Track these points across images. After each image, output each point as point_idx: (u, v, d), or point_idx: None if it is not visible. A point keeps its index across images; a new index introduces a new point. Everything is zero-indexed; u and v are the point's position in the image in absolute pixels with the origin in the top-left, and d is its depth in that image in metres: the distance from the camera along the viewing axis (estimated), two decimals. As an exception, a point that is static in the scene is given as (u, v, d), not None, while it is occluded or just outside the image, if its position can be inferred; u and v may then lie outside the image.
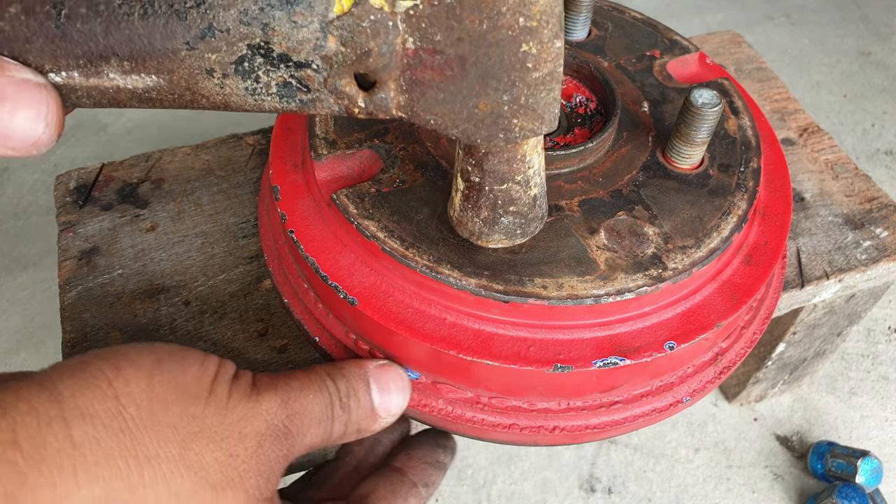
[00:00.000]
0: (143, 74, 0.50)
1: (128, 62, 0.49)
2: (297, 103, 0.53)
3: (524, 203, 0.61)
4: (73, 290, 0.89)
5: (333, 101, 0.52)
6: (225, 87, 0.51)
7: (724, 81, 0.86)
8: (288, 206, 0.74)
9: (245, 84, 0.51)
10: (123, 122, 1.86)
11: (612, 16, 0.94)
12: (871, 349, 1.47)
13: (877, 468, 1.21)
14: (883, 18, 2.23)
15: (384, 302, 0.68)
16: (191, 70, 0.50)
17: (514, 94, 0.51)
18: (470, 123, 0.53)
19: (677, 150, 0.75)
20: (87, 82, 0.50)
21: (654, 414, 0.73)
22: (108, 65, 0.49)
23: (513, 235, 0.64)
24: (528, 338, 0.66)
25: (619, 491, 1.27)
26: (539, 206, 0.62)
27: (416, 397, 0.72)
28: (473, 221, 0.63)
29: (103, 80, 0.50)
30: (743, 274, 0.72)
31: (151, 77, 0.50)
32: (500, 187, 0.59)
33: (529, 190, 0.60)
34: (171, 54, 0.49)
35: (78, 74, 0.49)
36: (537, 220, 0.64)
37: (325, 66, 0.50)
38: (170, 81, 0.50)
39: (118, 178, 1.00)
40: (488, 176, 0.58)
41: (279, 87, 0.52)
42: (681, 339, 0.67)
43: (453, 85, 0.51)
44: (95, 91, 0.50)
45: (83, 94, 0.50)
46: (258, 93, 0.52)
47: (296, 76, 0.51)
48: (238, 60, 0.50)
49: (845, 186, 1.02)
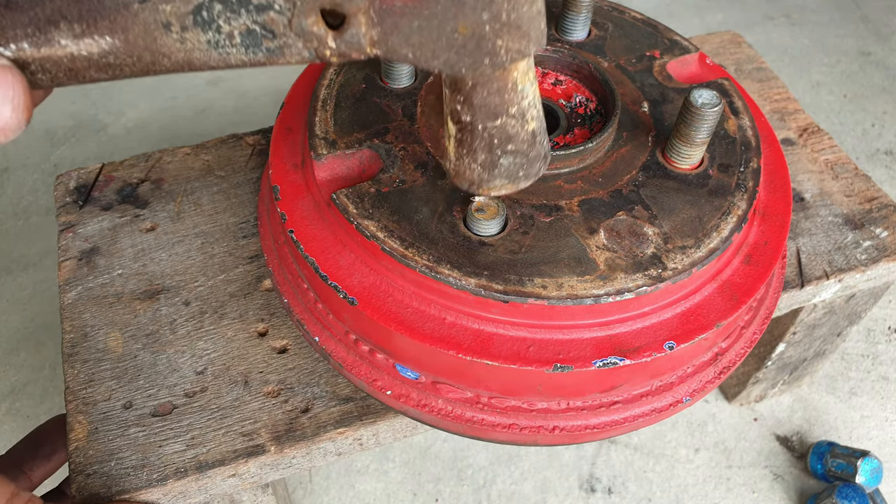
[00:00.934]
0: (97, 36, 0.47)
1: (78, 24, 0.46)
2: (264, 52, 0.49)
3: (523, 140, 0.57)
4: (72, 290, 0.89)
5: (302, 45, 0.49)
6: (185, 42, 0.48)
7: (724, 81, 0.86)
8: (288, 206, 0.74)
9: (206, 36, 0.48)
10: (123, 122, 1.86)
11: (612, 16, 0.94)
12: (871, 349, 1.47)
13: (877, 468, 1.21)
14: (883, 18, 2.23)
15: (384, 302, 0.68)
16: (146, 26, 0.47)
17: (493, 10, 0.47)
18: (451, 51, 0.49)
19: (677, 150, 0.75)
20: (39, 53, 0.46)
21: (654, 414, 0.73)
22: (57, 30, 0.46)
23: (515, 178, 0.60)
24: (527, 338, 0.66)
25: (619, 491, 1.27)
26: (540, 143, 0.58)
27: (415, 397, 0.72)
28: (471, 168, 0.59)
29: (55, 48, 0.46)
30: (743, 274, 0.72)
31: (105, 39, 0.47)
32: (493, 123, 0.55)
33: (527, 124, 0.56)
34: (122, 10, 0.46)
35: (28, 45, 0.46)
36: (540, 160, 0.60)
37: (289, 6, 0.47)
38: (125, 41, 0.47)
39: (118, 178, 1.00)
40: (480, 112, 0.54)
41: (243, 37, 0.48)
42: (680, 339, 0.67)
43: (427, 9, 0.47)
44: (49, 63, 0.47)
45: (37, 68, 0.47)
46: (221, 45, 0.48)
47: (258, 21, 0.48)
48: (195, 9, 0.47)
49: (845, 186, 1.02)
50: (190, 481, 0.74)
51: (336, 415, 0.79)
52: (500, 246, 0.68)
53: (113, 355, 0.83)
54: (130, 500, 0.73)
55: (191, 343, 0.84)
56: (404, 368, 0.71)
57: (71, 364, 0.82)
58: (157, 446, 0.76)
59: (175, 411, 0.79)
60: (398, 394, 0.72)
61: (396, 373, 0.72)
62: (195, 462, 0.75)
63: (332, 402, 0.79)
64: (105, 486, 0.73)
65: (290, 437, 0.77)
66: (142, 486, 0.73)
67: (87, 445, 0.76)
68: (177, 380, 0.81)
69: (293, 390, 0.80)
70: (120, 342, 0.84)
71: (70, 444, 0.77)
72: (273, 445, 0.76)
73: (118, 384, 0.81)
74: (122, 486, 0.73)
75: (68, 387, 0.81)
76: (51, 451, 0.84)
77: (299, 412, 0.79)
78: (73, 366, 0.82)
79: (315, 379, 0.81)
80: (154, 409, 0.79)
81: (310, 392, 0.80)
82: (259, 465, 0.76)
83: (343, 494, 1.26)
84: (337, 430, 0.78)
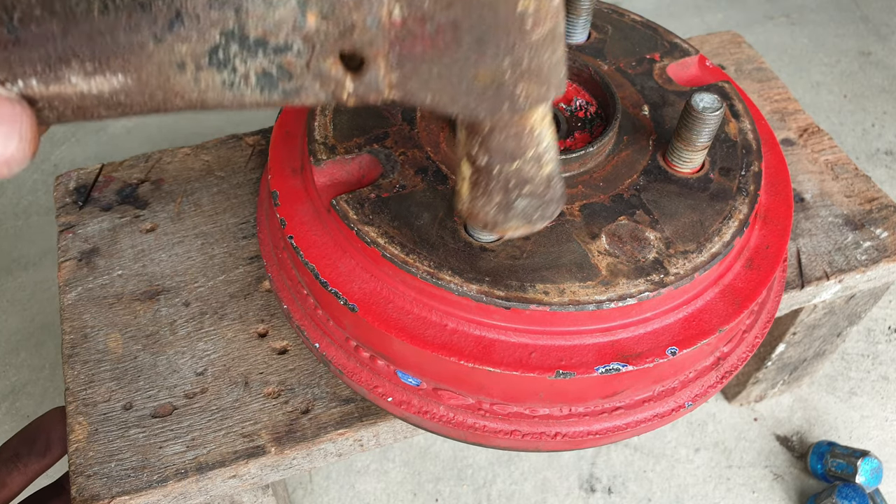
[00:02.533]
0: (109, 74, 0.45)
1: (90, 63, 0.45)
2: (280, 94, 0.48)
3: (539, 183, 0.56)
4: (72, 290, 0.89)
5: (319, 87, 0.48)
6: (200, 82, 0.47)
7: (725, 84, 0.85)
8: (287, 212, 0.73)
9: (221, 76, 0.46)
10: (123, 122, 1.86)
11: (611, 18, 0.93)
12: (871, 349, 1.47)
13: (877, 468, 1.21)
14: (883, 18, 2.23)
15: (384, 308, 0.68)
16: (160, 65, 0.45)
17: (514, 57, 0.47)
18: (470, 97, 0.49)
19: (678, 153, 0.74)
20: (48, 90, 0.45)
21: (656, 419, 0.73)
22: (68, 68, 0.45)
23: (531, 220, 0.59)
24: (529, 344, 0.66)
25: (619, 491, 1.27)
26: (554, 186, 0.58)
27: (416, 404, 0.72)
28: (486, 210, 0.58)
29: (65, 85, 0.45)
30: (744, 278, 0.72)
31: (118, 77, 0.45)
32: (510, 167, 0.54)
33: (542, 168, 0.55)
34: (137, 49, 0.45)
35: (36, 82, 0.45)
36: (555, 202, 0.59)
37: (307, 48, 0.46)
38: (138, 81, 0.46)
39: (118, 178, 1.00)
40: (496, 155, 0.54)
41: (258, 78, 0.47)
42: (683, 345, 0.67)
43: (448, 55, 0.47)
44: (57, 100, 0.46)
45: (44, 105, 0.46)
46: (236, 85, 0.47)
47: (276, 63, 0.46)
48: (211, 50, 0.46)
49: (845, 187, 1.02)
50: (190, 482, 0.74)
51: (336, 416, 0.79)
52: (502, 251, 0.67)
53: (113, 356, 0.83)
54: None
55: (191, 344, 0.84)
56: (405, 375, 0.71)
57: (71, 365, 0.82)
58: (158, 447, 0.76)
59: (175, 412, 0.79)
60: (399, 400, 0.72)
61: (397, 379, 0.72)
62: (195, 463, 0.75)
63: (332, 403, 0.79)
64: (105, 487, 0.73)
65: (291, 438, 0.77)
66: (142, 488, 0.73)
67: (87, 446, 0.76)
68: (177, 381, 0.81)
69: (293, 391, 0.80)
70: (120, 343, 0.84)
71: (70, 445, 0.77)
72: (273, 446, 0.76)
73: (118, 385, 0.81)
74: (123, 487, 0.73)
75: (68, 388, 0.81)
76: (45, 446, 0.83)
77: (300, 413, 0.79)
78: (72, 367, 0.82)
79: (315, 380, 0.81)
80: (154, 411, 0.79)
81: (310, 393, 0.80)
82: (259, 467, 0.76)
83: (343, 494, 1.26)
84: (337, 432, 0.78)
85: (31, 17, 0.43)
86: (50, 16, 0.43)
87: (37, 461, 0.83)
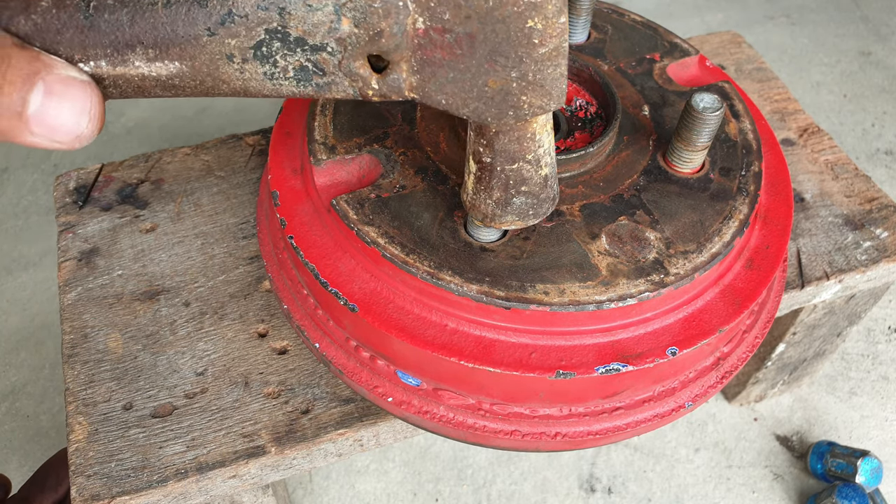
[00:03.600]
0: (167, 61, 0.51)
1: (152, 50, 0.50)
2: (314, 87, 0.54)
3: (535, 183, 0.61)
4: (72, 290, 0.89)
5: (348, 83, 0.54)
6: (244, 73, 0.52)
7: (725, 84, 0.85)
8: (287, 212, 0.73)
9: (264, 69, 0.52)
10: (123, 122, 1.86)
11: (611, 18, 0.93)
12: (871, 349, 1.47)
13: (877, 468, 1.22)
14: (883, 18, 2.23)
15: (385, 308, 0.68)
16: (212, 56, 0.51)
17: (521, 70, 0.52)
18: (480, 102, 0.54)
19: (678, 154, 0.74)
20: (114, 71, 0.51)
21: (656, 419, 0.73)
22: (133, 53, 0.50)
23: (525, 216, 0.64)
24: (529, 344, 0.66)
25: (619, 491, 1.27)
26: (550, 187, 0.63)
27: (416, 404, 0.72)
28: (486, 203, 0.63)
29: (129, 68, 0.51)
30: (745, 278, 0.72)
31: (175, 64, 0.51)
32: (511, 167, 0.60)
33: (540, 169, 0.61)
34: (192, 41, 0.50)
35: (105, 64, 0.50)
36: (549, 202, 0.64)
37: (340, 49, 0.52)
38: (192, 68, 0.52)
39: (118, 178, 1.00)
40: (499, 156, 0.59)
41: (296, 71, 0.53)
42: (683, 345, 0.67)
43: (463, 63, 0.52)
44: (122, 80, 0.51)
45: (110, 83, 0.51)
46: (276, 77, 0.53)
47: (312, 60, 0.52)
48: (257, 45, 0.51)
49: (845, 187, 1.02)
50: (190, 482, 0.74)
51: (337, 416, 0.79)
52: (502, 252, 0.67)
53: (113, 356, 0.83)
54: None
55: (191, 344, 0.84)
56: (405, 375, 0.71)
57: (71, 365, 0.82)
58: (158, 447, 0.76)
59: (175, 412, 0.79)
60: (399, 400, 0.72)
61: (398, 379, 0.71)
62: (195, 463, 0.75)
63: (332, 403, 0.79)
64: (105, 488, 0.73)
65: (291, 439, 0.77)
66: (142, 488, 0.74)
67: (87, 447, 0.76)
68: (177, 381, 0.81)
69: (293, 391, 0.80)
70: (120, 343, 0.84)
71: (70, 444, 0.77)
72: (273, 446, 0.76)
73: (118, 385, 0.81)
74: (123, 487, 0.74)
75: (68, 388, 0.81)
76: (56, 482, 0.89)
77: (300, 413, 0.79)
78: (72, 367, 0.82)
79: (315, 380, 0.81)
80: (154, 411, 0.79)
81: (310, 393, 0.80)
82: (259, 467, 0.76)
83: (343, 494, 1.26)
84: (337, 432, 0.78)
85: (105, 5, 0.49)
86: (121, 5, 0.49)
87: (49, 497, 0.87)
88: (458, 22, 0.50)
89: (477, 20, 0.50)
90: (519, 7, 0.49)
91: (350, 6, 0.50)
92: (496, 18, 0.50)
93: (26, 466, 1.28)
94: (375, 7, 0.50)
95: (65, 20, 0.49)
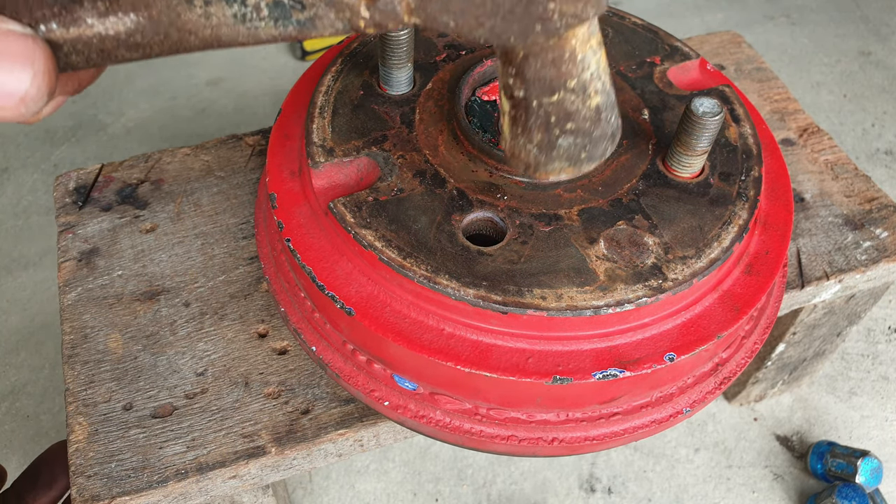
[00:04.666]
0: (121, 14, 0.44)
1: (101, 2, 0.44)
2: (295, 25, 0.46)
3: (585, 117, 0.50)
4: (72, 291, 0.89)
5: (334, 16, 0.45)
6: (210, 18, 0.45)
7: (725, 88, 0.85)
8: (285, 215, 0.73)
9: (231, 10, 0.45)
10: (123, 122, 1.86)
11: (612, 21, 0.93)
12: (871, 349, 1.47)
13: (877, 468, 1.22)
14: (883, 18, 2.22)
15: (381, 312, 0.67)
16: (168, 1, 0.44)
17: None
18: (497, 18, 0.43)
19: (678, 158, 0.74)
20: (68, 34, 0.44)
21: (654, 425, 0.73)
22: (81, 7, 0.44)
23: (577, 161, 0.53)
24: (526, 349, 0.66)
25: (619, 491, 1.27)
26: (605, 120, 0.52)
27: (413, 408, 0.72)
28: (527, 149, 0.53)
29: (83, 27, 0.44)
30: (744, 284, 0.72)
31: (129, 17, 0.44)
32: (550, 99, 0.49)
33: (589, 99, 0.50)
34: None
35: (56, 25, 0.44)
36: (606, 139, 0.53)
37: None
38: (149, 19, 0.45)
39: (118, 178, 1.00)
40: (534, 86, 0.48)
41: (270, 9, 0.45)
42: (681, 351, 0.67)
43: None
44: (80, 43, 0.45)
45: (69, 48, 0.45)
46: (249, 18, 0.45)
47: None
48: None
49: (845, 187, 1.02)
50: (190, 483, 0.75)
51: (337, 416, 0.79)
52: (499, 256, 0.67)
53: (113, 357, 0.83)
54: None
55: (191, 344, 0.84)
56: (402, 379, 0.71)
57: (71, 365, 0.82)
58: (158, 448, 0.76)
59: (175, 413, 0.79)
60: (396, 404, 0.72)
61: (394, 383, 0.72)
62: (196, 464, 0.75)
63: (332, 404, 0.80)
64: (105, 488, 0.74)
65: (291, 439, 0.77)
66: (142, 488, 0.74)
67: (87, 447, 0.77)
68: (177, 381, 0.81)
69: (294, 391, 0.80)
70: (120, 343, 0.84)
71: (70, 445, 0.77)
72: (274, 447, 0.76)
73: (118, 385, 0.81)
74: (123, 487, 0.74)
75: (68, 388, 0.81)
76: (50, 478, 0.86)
77: (300, 413, 0.79)
78: (73, 367, 0.82)
79: (315, 380, 0.81)
80: (154, 411, 0.79)
81: (310, 393, 0.80)
82: (260, 467, 0.77)
83: (343, 494, 1.26)
84: (338, 432, 0.78)
85: None
86: None
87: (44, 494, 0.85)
88: None
89: None
90: None
91: None
92: None
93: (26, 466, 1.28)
94: None
95: None
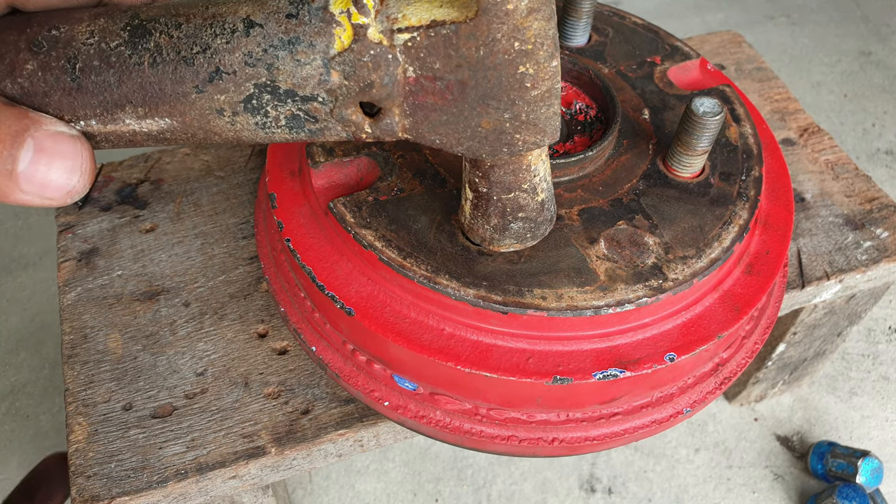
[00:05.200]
0: (157, 118, 0.52)
1: (142, 108, 0.51)
2: (307, 133, 0.54)
3: (532, 209, 0.62)
4: (72, 291, 0.89)
5: (341, 128, 0.54)
6: (236, 124, 0.53)
7: (726, 88, 0.85)
8: (285, 215, 0.73)
9: (255, 119, 0.52)
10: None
11: (612, 21, 0.93)
12: (871, 349, 1.47)
13: (877, 468, 1.21)
14: (883, 18, 2.22)
15: (381, 312, 0.67)
16: (202, 111, 0.52)
17: (514, 111, 0.52)
18: (474, 141, 0.54)
19: (678, 158, 0.74)
20: (105, 129, 0.51)
21: (655, 425, 0.72)
22: (123, 112, 0.51)
23: (523, 239, 0.65)
24: (526, 349, 0.66)
25: (619, 491, 1.27)
26: (547, 210, 0.63)
27: (413, 408, 0.72)
28: (484, 228, 0.64)
29: (120, 125, 0.51)
30: (744, 284, 0.72)
31: (165, 120, 0.52)
32: (507, 196, 0.60)
33: (537, 196, 0.61)
34: (181, 98, 0.51)
35: (96, 122, 0.51)
36: (546, 223, 0.65)
37: (331, 99, 0.52)
38: (182, 123, 0.52)
39: (117, 178, 1.00)
40: (495, 186, 0.59)
41: (288, 120, 0.53)
42: (681, 351, 0.67)
43: (455, 107, 0.52)
44: (113, 136, 0.52)
45: (102, 138, 0.52)
46: (268, 126, 0.53)
47: (303, 109, 0.52)
48: (246, 99, 0.51)
49: (845, 187, 1.02)
50: (190, 483, 0.74)
51: (337, 416, 0.79)
52: (500, 256, 0.67)
53: (113, 357, 0.83)
54: None
55: (191, 344, 0.84)
56: (402, 379, 0.71)
57: (70, 365, 0.82)
58: (158, 448, 0.76)
59: (175, 413, 0.79)
60: (396, 405, 0.72)
61: (394, 384, 0.71)
62: (195, 464, 0.75)
63: (332, 404, 0.80)
64: (105, 488, 0.74)
65: (291, 439, 0.77)
66: (142, 488, 0.74)
67: (86, 447, 0.77)
68: (177, 381, 0.81)
69: (293, 392, 0.80)
70: (120, 343, 0.84)
71: (70, 445, 0.77)
72: (273, 447, 0.76)
73: (118, 386, 0.81)
74: (123, 487, 0.74)
75: (68, 388, 0.81)
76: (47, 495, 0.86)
77: (300, 414, 0.79)
78: (72, 367, 0.82)
79: (315, 380, 0.81)
80: (154, 411, 0.79)
81: (310, 393, 0.80)
82: (259, 467, 0.76)
83: (343, 494, 1.26)
84: (338, 432, 0.78)
85: (91, 67, 0.50)
86: (107, 67, 0.50)
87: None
88: (448, 70, 0.51)
89: (468, 68, 0.50)
90: (510, 55, 0.49)
91: (339, 60, 0.50)
92: (487, 66, 0.50)
93: (26, 466, 1.28)
94: (364, 61, 0.50)
95: (52, 83, 0.49)
